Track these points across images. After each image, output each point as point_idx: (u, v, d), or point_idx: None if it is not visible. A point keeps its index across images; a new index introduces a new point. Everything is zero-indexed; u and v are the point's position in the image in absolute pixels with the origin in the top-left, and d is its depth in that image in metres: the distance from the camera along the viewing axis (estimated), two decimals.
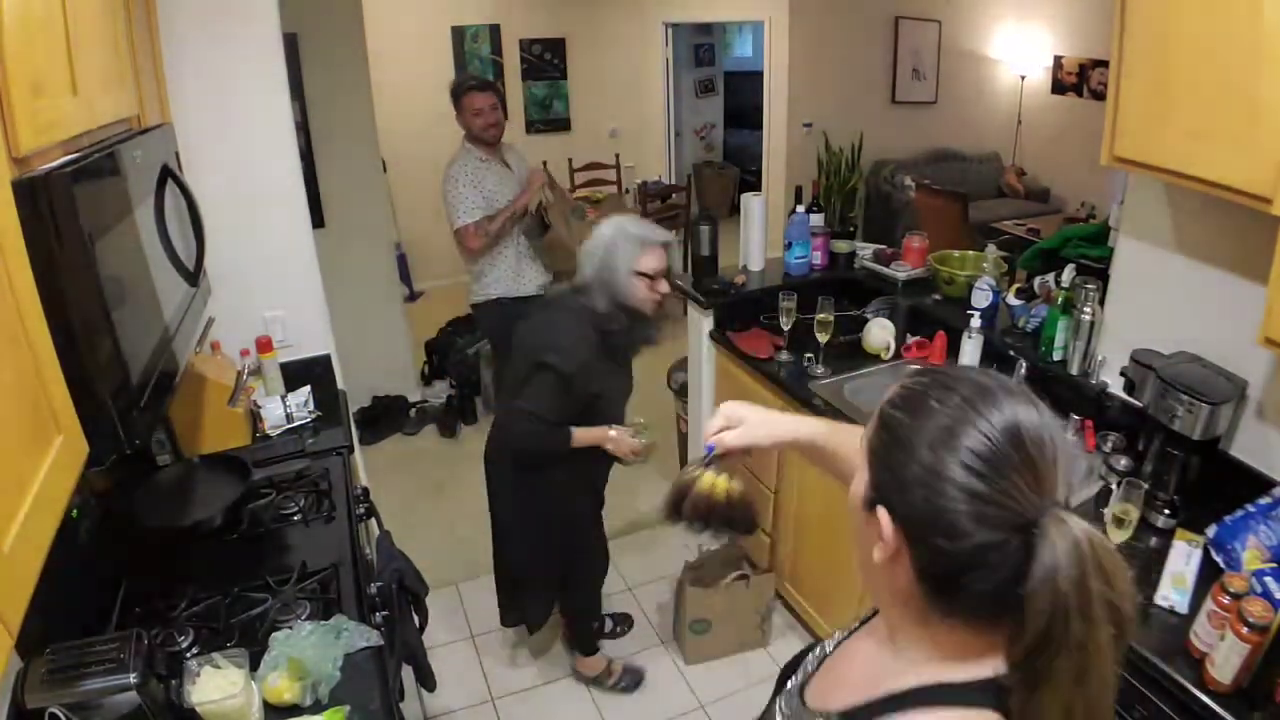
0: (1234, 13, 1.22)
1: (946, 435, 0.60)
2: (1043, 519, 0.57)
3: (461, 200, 2.98)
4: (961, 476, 0.58)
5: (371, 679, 1.32)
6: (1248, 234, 1.49)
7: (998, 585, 0.58)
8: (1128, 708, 1.36)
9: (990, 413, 0.60)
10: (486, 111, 3.01)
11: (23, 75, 0.95)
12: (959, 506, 0.58)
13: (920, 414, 0.65)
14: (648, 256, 1.92)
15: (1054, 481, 0.59)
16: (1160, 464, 1.65)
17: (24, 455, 0.87)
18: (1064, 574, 0.56)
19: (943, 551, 0.59)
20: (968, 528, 0.58)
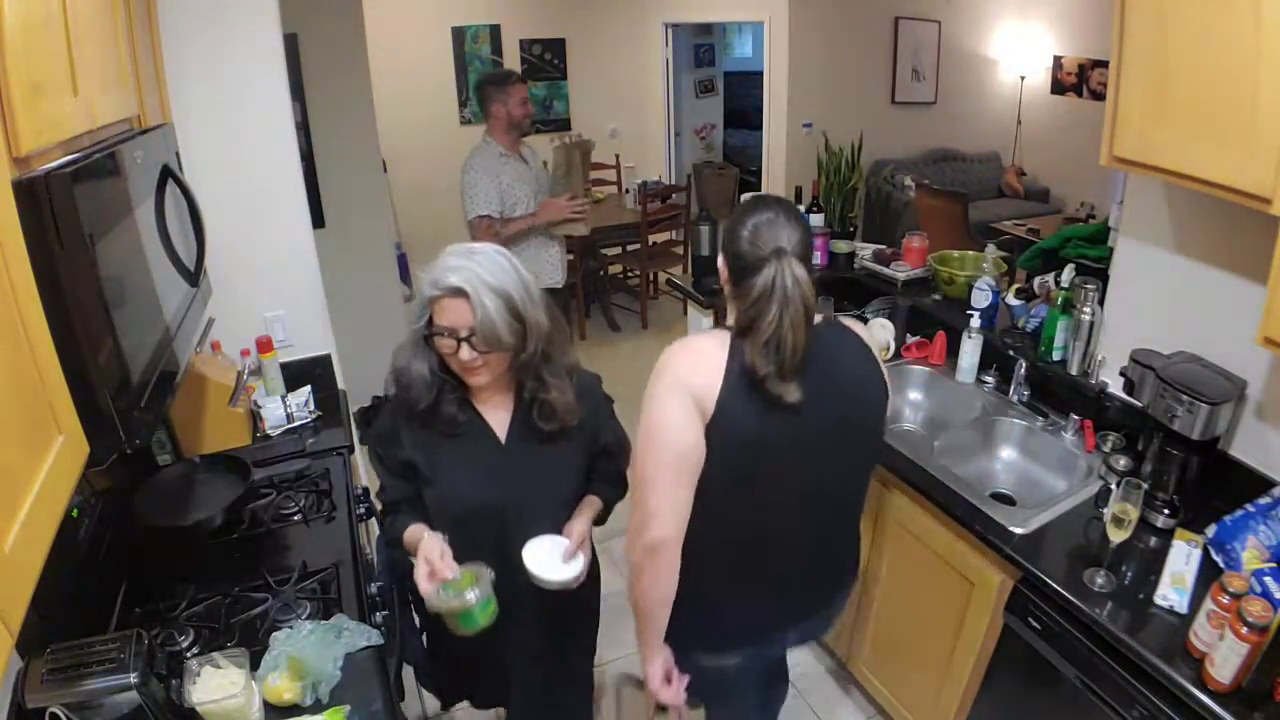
0: (1234, 13, 1.22)
1: (738, 218, 1.26)
2: (769, 254, 1.19)
3: (479, 192, 3.05)
4: (742, 232, 1.23)
5: (372, 679, 1.32)
6: (1247, 234, 1.50)
7: (750, 281, 1.21)
8: (1127, 707, 1.36)
9: (757, 212, 1.24)
10: (529, 103, 3.17)
11: (23, 75, 0.95)
12: (741, 246, 1.23)
13: (733, 215, 1.30)
14: (437, 310, 1.29)
15: (779, 241, 1.20)
16: (1160, 464, 1.65)
17: (24, 455, 0.88)
18: (766, 278, 1.19)
19: (735, 263, 1.25)
20: (744, 251, 1.22)
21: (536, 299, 1.33)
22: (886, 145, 5.49)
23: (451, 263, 1.27)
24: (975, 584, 1.73)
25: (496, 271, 1.28)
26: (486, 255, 1.29)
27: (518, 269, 1.32)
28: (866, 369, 1.37)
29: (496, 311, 1.25)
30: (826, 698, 2.36)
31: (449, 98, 5.81)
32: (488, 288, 1.25)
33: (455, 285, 1.25)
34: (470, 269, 1.26)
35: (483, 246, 1.31)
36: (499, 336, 1.27)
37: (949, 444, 2.01)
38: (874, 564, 2.08)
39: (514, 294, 1.28)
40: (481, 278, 1.25)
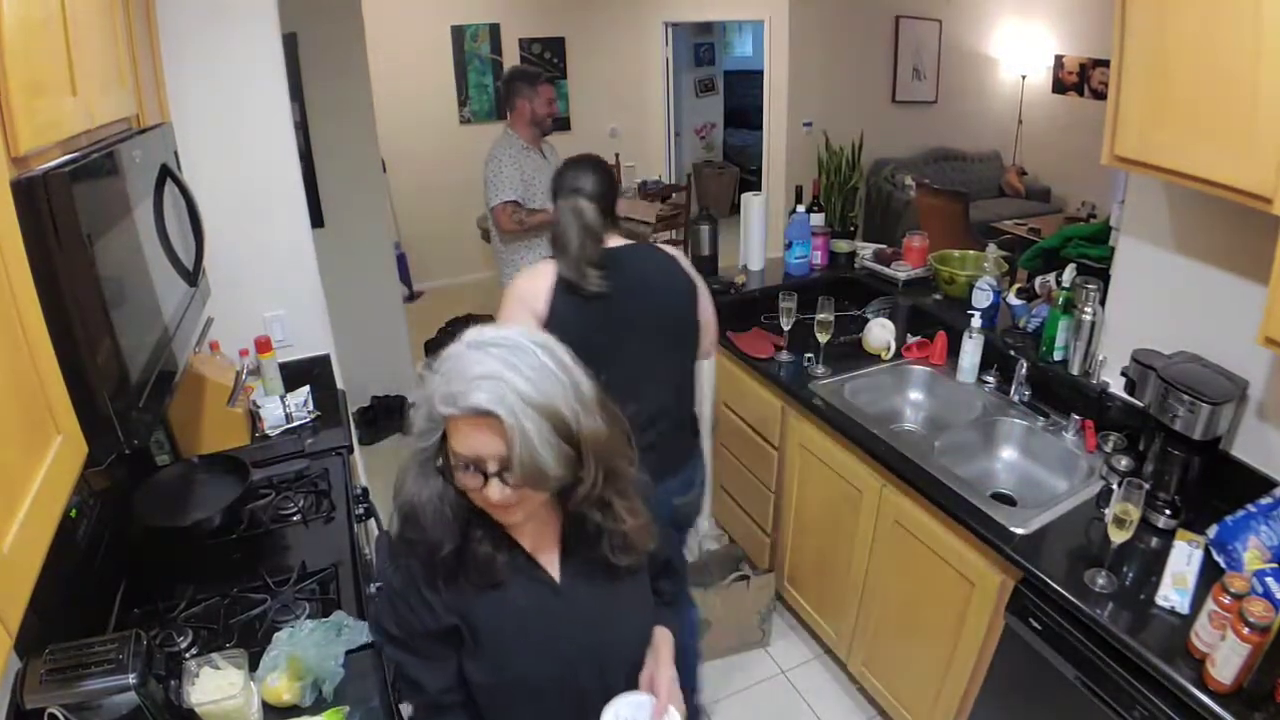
0: (1234, 13, 1.22)
1: (560, 169, 1.64)
2: (568, 192, 1.56)
3: (503, 179, 3.06)
4: (558, 178, 1.64)
5: (371, 678, 1.32)
6: (1248, 234, 1.49)
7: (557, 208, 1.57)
8: (1128, 708, 1.36)
9: (572, 166, 1.61)
10: (554, 103, 3.19)
11: (22, 75, 0.95)
12: (555, 185, 1.63)
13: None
14: (454, 432, 0.93)
15: (577, 184, 1.61)
16: (1161, 464, 1.65)
17: (23, 455, 0.87)
18: (563, 207, 1.64)
19: (553, 199, 1.64)
20: (555, 190, 1.71)
21: (592, 401, 0.94)
22: (887, 145, 5.48)
23: (475, 368, 0.88)
24: (975, 584, 1.73)
25: (540, 378, 0.89)
26: (525, 353, 0.90)
27: (566, 366, 0.93)
28: (670, 269, 1.84)
29: (540, 437, 0.87)
30: (826, 698, 2.36)
31: (449, 97, 5.81)
32: (528, 406, 0.86)
33: (482, 407, 0.86)
34: (503, 379, 0.86)
35: (517, 337, 0.92)
36: (543, 471, 0.88)
37: (950, 444, 2.01)
38: (874, 564, 2.08)
39: (563, 409, 0.89)
40: (519, 391, 0.86)
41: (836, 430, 2.11)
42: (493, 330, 0.95)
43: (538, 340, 0.94)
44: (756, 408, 2.52)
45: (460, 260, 6.04)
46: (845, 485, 2.13)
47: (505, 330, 0.94)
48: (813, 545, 2.39)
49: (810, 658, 2.50)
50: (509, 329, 0.95)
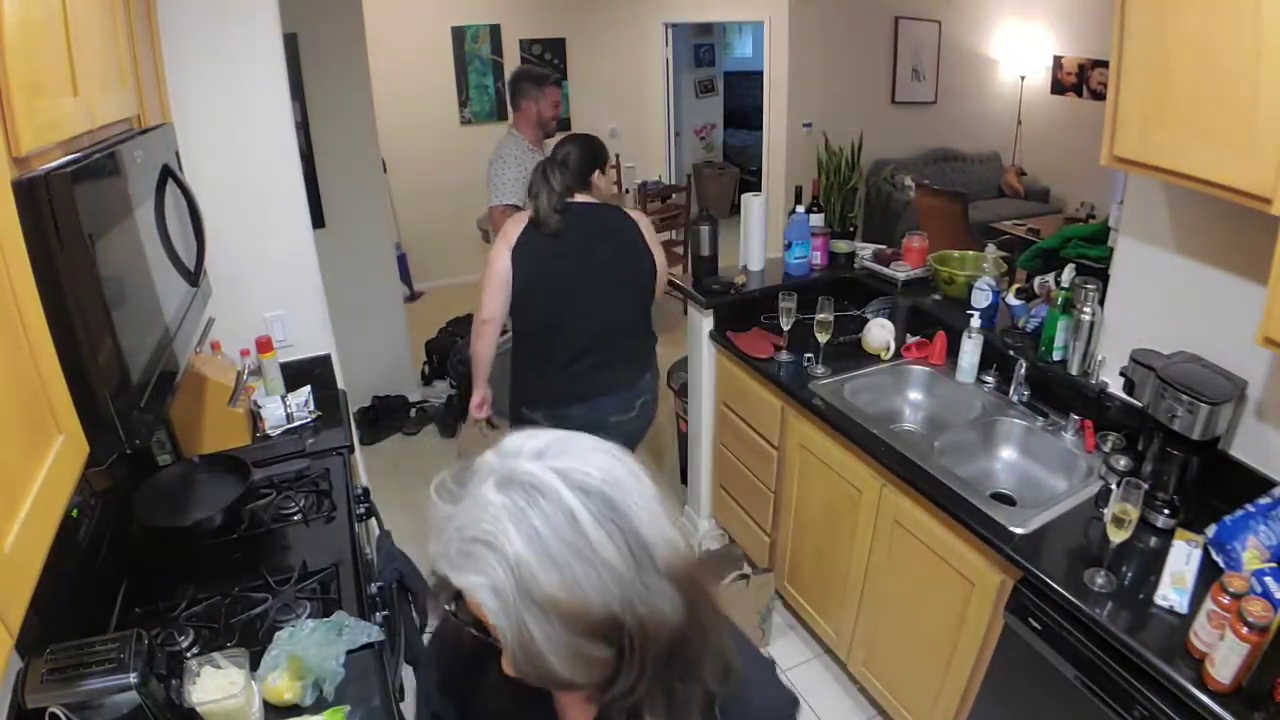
0: (1234, 13, 1.22)
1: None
2: (546, 160, 1.88)
3: (506, 181, 3.08)
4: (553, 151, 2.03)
5: (372, 678, 1.32)
6: (1248, 234, 1.49)
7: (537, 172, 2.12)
8: (1127, 707, 1.36)
9: (562, 142, 1.93)
10: (560, 105, 3.24)
11: (23, 75, 0.95)
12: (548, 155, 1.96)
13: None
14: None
15: (559, 155, 2.05)
16: (1160, 464, 1.65)
17: (24, 455, 0.88)
18: (540, 169, 2.15)
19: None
20: (545, 159, 2.18)
21: (663, 565, 0.64)
22: (886, 145, 5.49)
23: (479, 521, 0.62)
24: (975, 584, 1.73)
25: (564, 554, 0.60)
26: (551, 505, 0.61)
27: (624, 520, 0.62)
28: (620, 222, 2.27)
29: (546, 639, 0.61)
30: (826, 698, 2.36)
31: (449, 98, 5.81)
32: (529, 600, 0.60)
33: (467, 592, 0.63)
34: (502, 554, 0.60)
35: (553, 480, 0.62)
36: (548, 674, 0.64)
37: (949, 444, 2.01)
38: (874, 563, 2.08)
39: (593, 601, 0.61)
40: (521, 576, 0.60)
41: (836, 430, 2.11)
42: (540, 444, 0.65)
43: (589, 479, 0.62)
44: (756, 408, 2.52)
45: (460, 260, 6.03)
46: (845, 485, 2.13)
47: (548, 461, 0.63)
48: (812, 545, 2.39)
49: (810, 657, 2.50)
50: (566, 451, 0.65)
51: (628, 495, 0.63)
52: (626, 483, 0.64)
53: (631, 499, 0.64)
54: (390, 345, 4.03)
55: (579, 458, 0.64)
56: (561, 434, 0.67)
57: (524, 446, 0.65)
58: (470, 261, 6.02)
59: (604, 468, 0.64)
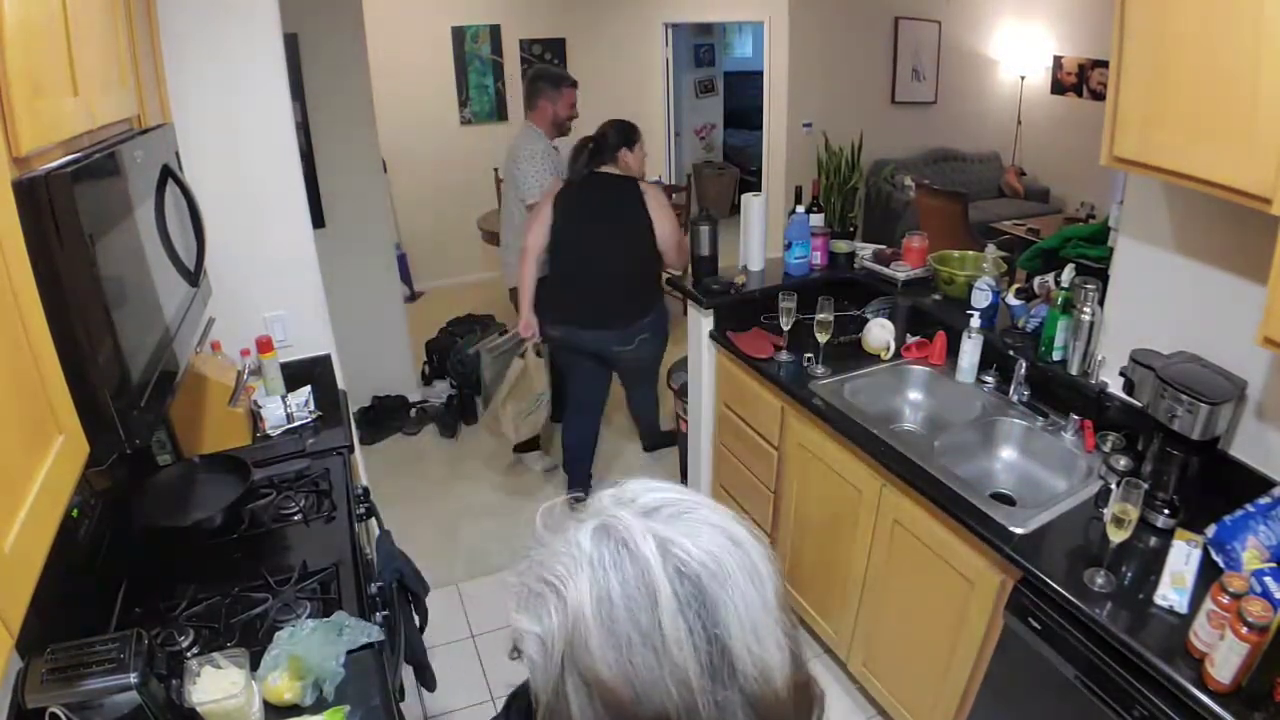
0: (1234, 13, 1.22)
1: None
2: (591, 136, 2.75)
3: (540, 177, 3.16)
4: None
5: (372, 678, 1.32)
6: (1248, 234, 1.50)
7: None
8: (1127, 707, 1.36)
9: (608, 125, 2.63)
10: (575, 106, 3.35)
11: (23, 75, 0.95)
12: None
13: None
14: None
15: (601, 133, 2.87)
16: (1160, 464, 1.65)
17: (24, 455, 0.88)
18: (582, 142, 2.94)
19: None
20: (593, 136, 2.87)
21: (746, 687, 0.53)
22: (886, 145, 5.48)
23: (547, 565, 0.56)
24: (975, 584, 1.73)
25: (631, 628, 0.52)
26: (629, 576, 0.53)
27: (714, 608, 0.53)
28: (629, 188, 2.82)
29: (582, 712, 0.54)
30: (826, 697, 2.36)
31: (449, 98, 5.81)
32: (574, 669, 0.54)
33: (516, 632, 0.57)
34: (558, 605, 0.54)
35: (641, 541, 0.54)
36: None
37: (949, 444, 2.01)
38: (874, 563, 2.08)
39: (646, 696, 0.52)
40: (573, 643, 0.53)
41: (836, 430, 2.11)
42: (655, 499, 0.58)
43: (688, 560, 0.53)
44: (756, 408, 2.52)
45: (460, 260, 6.04)
46: (845, 485, 2.13)
47: (654, 524, 0.55)
48: (812, 545, 2.39)
49: (810, 657, 2.50)
50: (679, 517, 0.56)
51: (729, 592, 0.53)
52: (734, 578, 0.54)
53: (732, 598, 0.53)
54: (390, 345, 4.03)
55: (689, 529, 0.55)
56: (684, 495, 0.58)
57: (638, 498, 0.58)
58: (470, 261, 6.03)
59: (712, 552, 0.54)
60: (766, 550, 0.57)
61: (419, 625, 1.85)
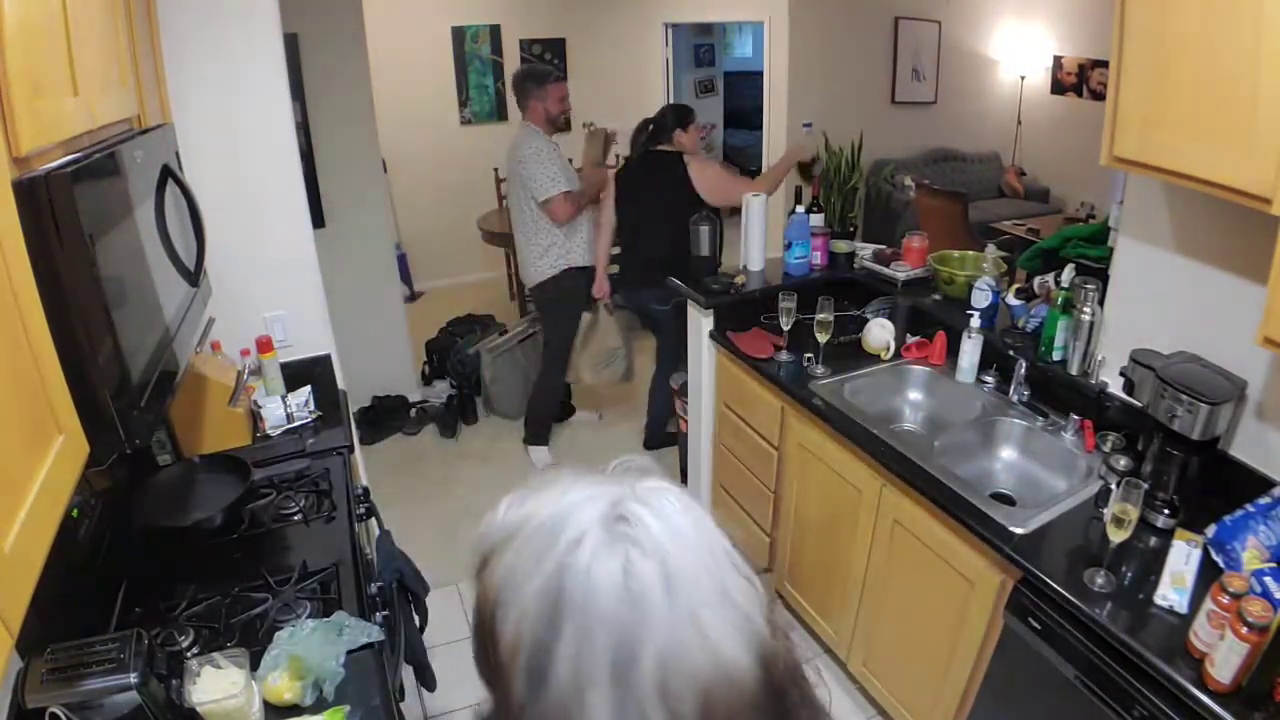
0: (1234, 13, 1.22)
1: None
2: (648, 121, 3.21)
3: (556, 170, 3.22)
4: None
5: (372, 678, 1.32)
6: (1248, 234, 1.50)
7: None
8: (1127, 707, 1.36)
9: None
10: (566, 99, 3.36)
11: (23, 75, 0.95)
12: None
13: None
14: None
15: (658, 116, 3.34)
16: (1160, 464, 1.65)
17: (24, 455, 0.88)
18: (643, 124, 3.36)
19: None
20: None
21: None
22: (886, 145, 5.48)
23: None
24: (975, 584, 1.73)
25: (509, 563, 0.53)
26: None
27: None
28: (672, 162, 3.16)
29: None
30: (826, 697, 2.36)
31: (449, 98, 5.81)
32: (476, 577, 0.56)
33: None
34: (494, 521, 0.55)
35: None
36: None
37: (949, 444, 2.01)
38: (874, 563, 2.08)
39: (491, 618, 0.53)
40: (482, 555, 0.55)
41: (836, 430, 2.11)
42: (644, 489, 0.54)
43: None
44: (756, 407, 2.52)
45: (460, 260, 6.03)
46: (845, 485, 2.13)
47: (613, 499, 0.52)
48: (812, 545, 2.39)
49: (810, 657, 2.50)
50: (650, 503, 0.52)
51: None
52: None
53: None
54: (390, 345, 4.03)
55: (650, 517, 0.51)
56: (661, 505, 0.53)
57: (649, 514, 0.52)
58: (470, 261, 6.03)
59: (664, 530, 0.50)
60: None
61: (419, 625, 1.85)
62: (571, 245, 3.34)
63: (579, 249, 3.37)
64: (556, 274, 3.37)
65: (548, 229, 3.29)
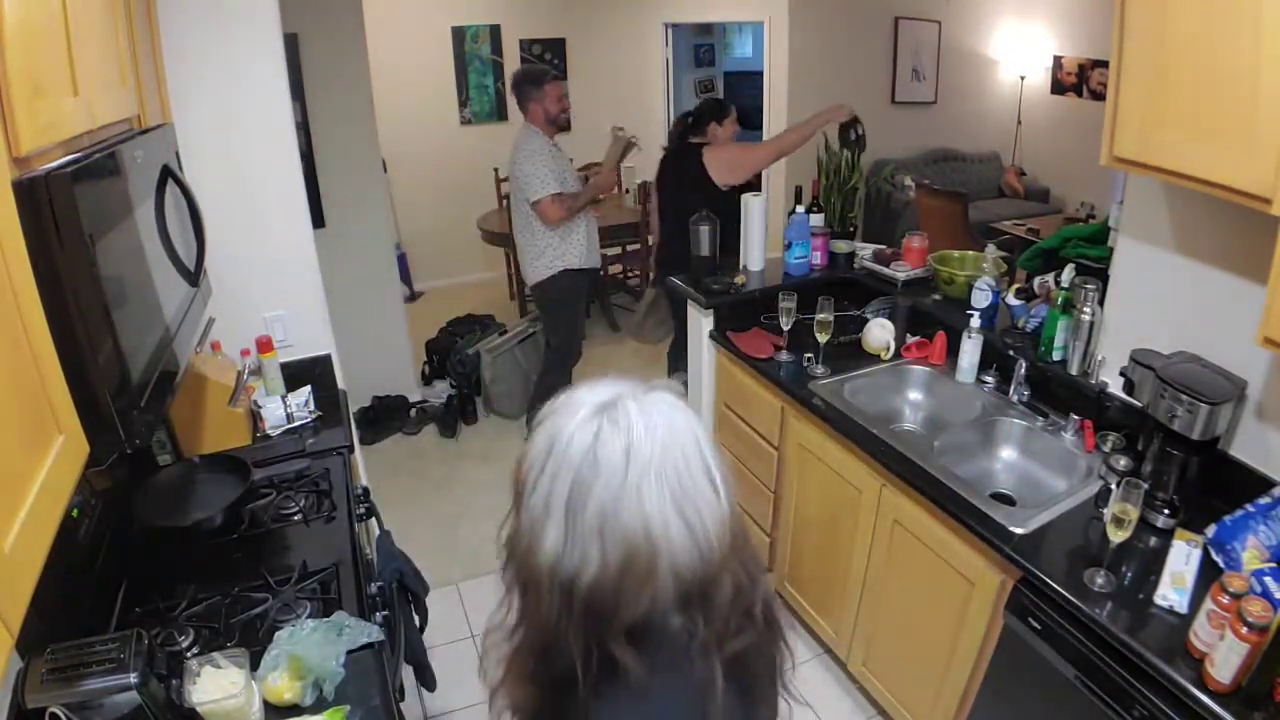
0: (1234, 13, 1.22)
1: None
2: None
3: (544, 174, 3.21)
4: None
5: (372, 678, 1.32)
6: (1247, 234, 1.50)
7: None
8: (1127, 707, 1.36)
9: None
10: (565, 98, 3.37)
11: (23, 75, 0.95)
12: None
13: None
14: None
15: (694, 111, 3.55)
16: (1160, 464, 1.65)
17: (24, 455, 0.88)
18: (684, 120, 3.58)
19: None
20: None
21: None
22: (886, 145, 5.48)
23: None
24: (975, 584, 1.73)
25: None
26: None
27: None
28: (693, 154, 3.24)
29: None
30: (826, 697, 2.36)
31: (449, 98, 5.81)
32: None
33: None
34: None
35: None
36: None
37: (949, 444, 2.01)
38: (874, 563, 2.08)
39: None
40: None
41: (836, 430, 2.11)
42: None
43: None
44: (756, 408, 2.52)
45: (460, 260, 6.03)
46: (845, 485, 2.13)
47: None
48: (812, 545, 2.39)
49: (810, 657, 2.50)
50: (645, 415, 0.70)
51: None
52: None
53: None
54: (390, 345, 4.03)
55: (645, 426, 0.69)
56: (652, 418, 0.71)
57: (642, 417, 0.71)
58: (470, 261, 6.03)
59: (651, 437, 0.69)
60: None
61: (419, 625, 1.85)
62: (567, 248, 3.34)
63: (575, 251, 3.36)
64: (554, 274, 3.38)
65: (543, 230, 3.30)
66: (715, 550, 0.69)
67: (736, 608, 0.72)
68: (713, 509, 0.69)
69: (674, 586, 0.69)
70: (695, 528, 0.68)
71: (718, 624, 0.72)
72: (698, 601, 0.70)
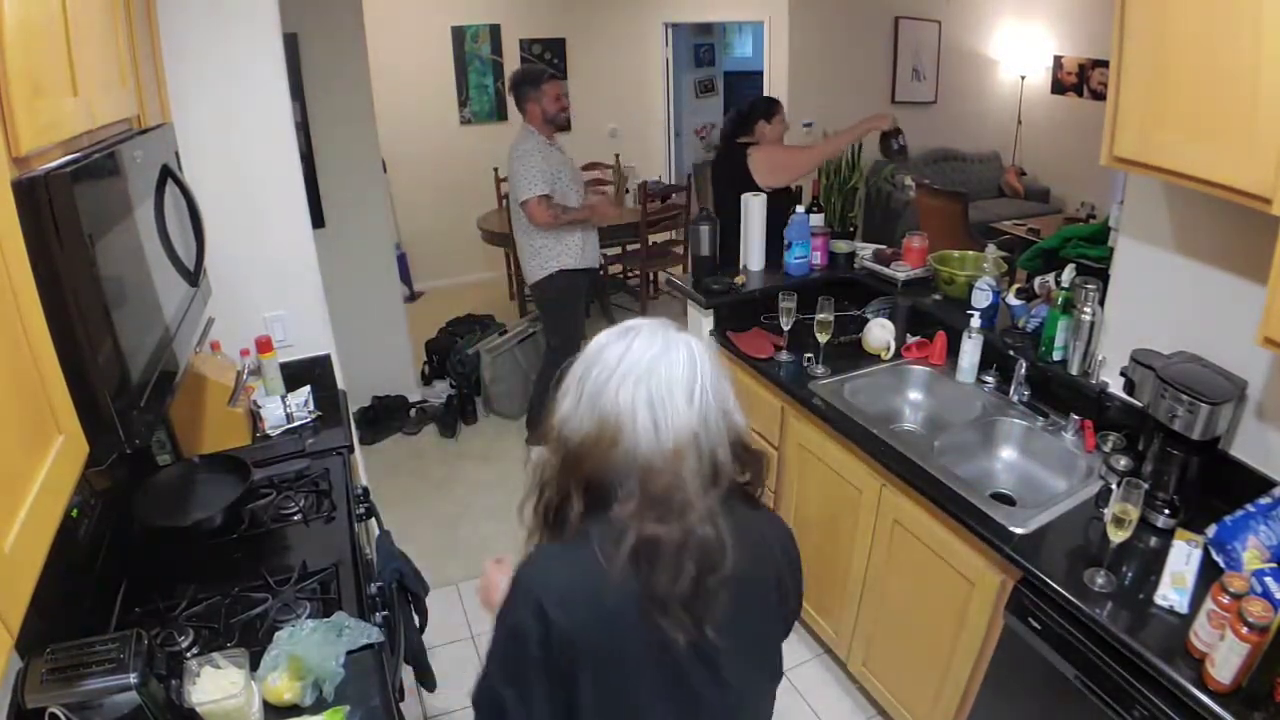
0: (1234, 13, 1.22)
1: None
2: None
3: (534, 174, 3.21)
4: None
5: (372, 678, 1.32)
6: (1247, 234, 1.50)
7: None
8: (1127, 707, 1.36)
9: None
10: (563, 98, 3.35)
11: (23, 75, 0.95)
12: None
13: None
14: None
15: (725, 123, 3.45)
16: (1160, 464, 1.65)
17: (24, 455, 0.88)
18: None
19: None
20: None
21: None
22: None
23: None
24: (975, 584, 1.73)
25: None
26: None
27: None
28: (741, 157, 3.17)
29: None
30: (826, 698, 2.36)
31: (449, 98, 5.81)
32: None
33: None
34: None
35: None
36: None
37: (949, 444, 2.01)
38: (874, 563, 2.08)
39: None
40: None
41: (836, 430, 2.11)
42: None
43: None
44: (756, 407, 2.52)
45: (460, 260, 6.04)
46: (845, 485, 2.13)
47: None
48: (812, 545, 2.39)
49: (810, 657, 2.50)
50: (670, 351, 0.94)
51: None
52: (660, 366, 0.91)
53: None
54: (390, 345, 4.03)
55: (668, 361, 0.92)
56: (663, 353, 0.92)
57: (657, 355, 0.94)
58: (470, 261, 6.03)
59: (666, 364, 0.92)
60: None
61: (419, 625, 1.85)
62: (562, 248, 3.34)
63: (570, 251, 3.35)
64: (550, 274, 3.38)
65: (538, 231, 3.30)
66: (670, 450, 0.89)
67: (664, 499, 0.89)
68: (682, 419, 0.90)
69: (632, 466, 0.89)
70: (661, 428, 0.88)
71: (643, 505, 0.89)
72: (638, 481, 0.89)
